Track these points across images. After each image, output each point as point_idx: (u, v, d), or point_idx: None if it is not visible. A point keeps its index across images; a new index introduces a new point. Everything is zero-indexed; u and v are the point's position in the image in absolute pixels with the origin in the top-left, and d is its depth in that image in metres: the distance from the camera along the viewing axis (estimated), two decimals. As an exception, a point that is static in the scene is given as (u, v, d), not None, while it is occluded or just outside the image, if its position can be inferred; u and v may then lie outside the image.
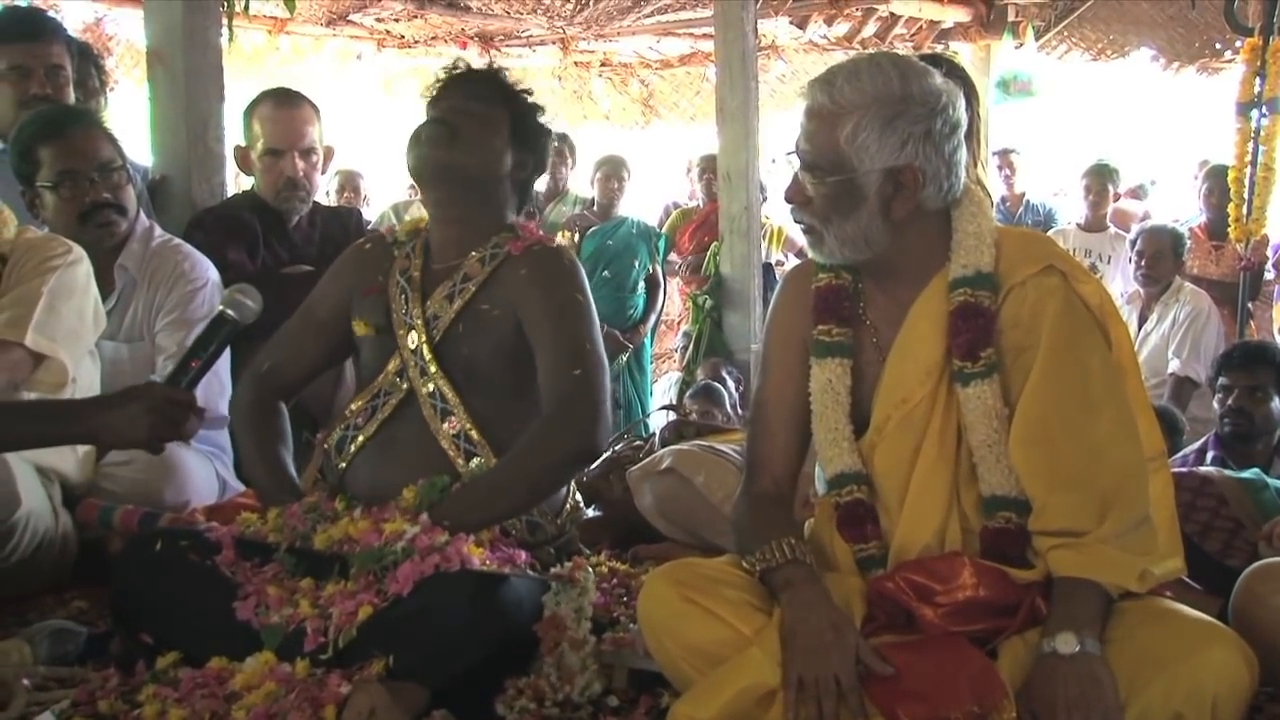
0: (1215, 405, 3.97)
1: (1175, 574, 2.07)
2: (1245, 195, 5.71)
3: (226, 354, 2.67)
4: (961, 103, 2.06)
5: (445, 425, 2.52)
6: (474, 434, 2.51)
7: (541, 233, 2.75)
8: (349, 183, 7.75)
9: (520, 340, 2.55)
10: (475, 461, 2.50)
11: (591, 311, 2.61)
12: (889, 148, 1.99)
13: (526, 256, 2.59)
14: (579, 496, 2.81)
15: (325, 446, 2.67)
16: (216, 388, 3.14)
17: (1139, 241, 5.61)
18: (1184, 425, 4.40)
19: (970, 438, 2.04)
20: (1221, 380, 3.95)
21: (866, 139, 1.99)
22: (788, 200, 2.12)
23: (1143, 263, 5.55)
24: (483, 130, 2.61)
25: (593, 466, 3.66)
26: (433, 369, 2.54)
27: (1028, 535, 2.01)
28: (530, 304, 2.55)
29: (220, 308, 2.39)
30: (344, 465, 2.60)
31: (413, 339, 2.56)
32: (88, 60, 4.12)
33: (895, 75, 2.01)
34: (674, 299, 7.14)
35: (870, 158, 1.99)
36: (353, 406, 2.65)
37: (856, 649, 1.88)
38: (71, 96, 3.65)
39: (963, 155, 2.08)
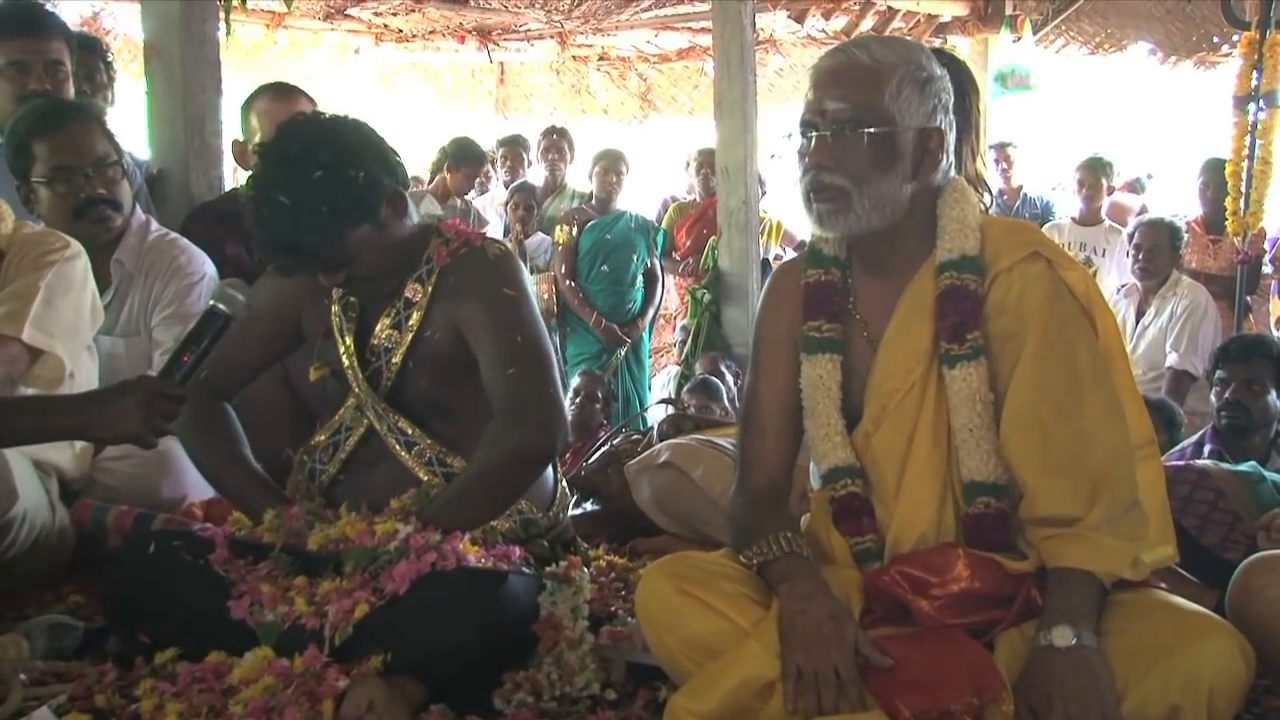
0: (1212, 398, 3.98)
1: (1167, 561, 2.09)
2: (1243, 189, 5.72)
3: None
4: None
5: (414, 455, 2.48)
6: (447, 457, 2.48)
7: (465, 226, 2.62)
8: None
9: (470, 354, 2.47)
10: (453, 479, 2.45)
11: (523, 303, 2.47)
12: (925, 108, 2.05)
13: (453, 264, 2.49)
14: (565, 483, 2.77)
15: (300, 470, 2.62)
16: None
17: (1136, 235, 5.61)
18: (1181, 418, 4.41)
19: (953, 421, 2.04)
20: (1219, 373, 3.96)
21: (909, 95, 2.03)
22: (816, 165, 2.04)
23: (1140, 256, 5.55)
24: (360, 248, 2.38)
25: (591, 460, 3.67)
26: (384, 408, 2.49)
27: (1007, 519, 2.02)
28: (463, 313, 2.46)
29: (211, 302, 2.38)
30: (319, 494, 2.56)
31: (361, 381, 2.49)
32: (95, 54, 4.12)
33: (917, 47, 2.10)
34: (672, 293, 7.13)
35: (910, 115, 2.03)
36: (316, 439, 2.60)
37: (855, 640, 1.88)
38: (71, 91, 3.64)
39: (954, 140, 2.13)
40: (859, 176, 2.03)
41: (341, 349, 2.52)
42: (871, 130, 2.02)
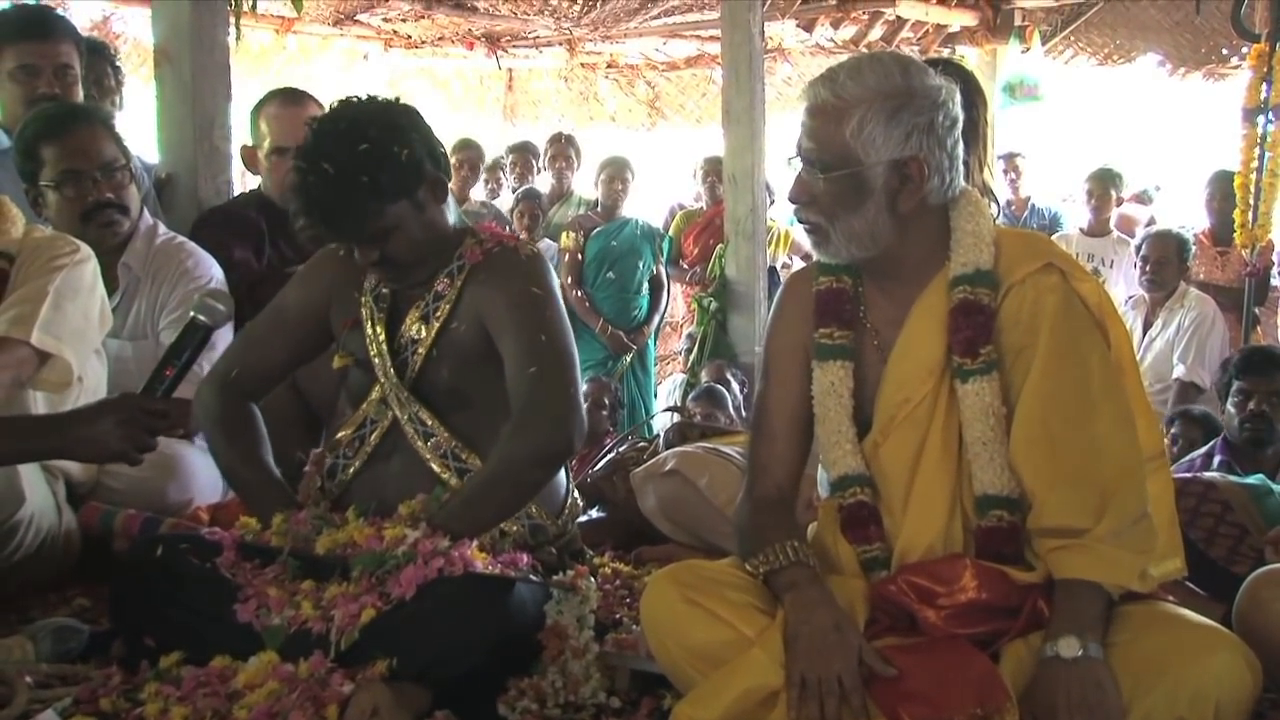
0: (1231, 409, 3.90)
1: (1175, 574, 2.08)
2: (1251, 201, 5.71)
3: None
4: (958, 100, 2.07)
5: (430, 447, 2.49)
6: (462, 453, 2.49)
7: (498, 228, 2.66)
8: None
9: (494, 349, 2.49)
10: (468, 478, 2.46)
11: (550, 303, 2.51)
12: (894, 140, 2.00)
13: (486, 262, 2.52)
14: (577, 493, 2.77)
15: (319, 468, 2.63)
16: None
17: (1144, 246, 5.61)
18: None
19: (966, 435, 2.04)
20: (1237, 385, 3.87)
21: (872, 131, 1.99)
22: (792, 200, 2.12)
23: (1148, 268, 5.55)
24: (395, 226, 2.42)
25: (596, 467, 3.67)
26: (407, 396, 2.50)
27: (1021, 533, 2.02)
28: (491, 310, 2.49)
29: (191, 313, 2.37)
30: (338, 492, 2.57)
31: (388, 370, 2.52)
32: (104, 59, 4.14)
33: (897, 69, 2.03)
34: (679, 301, 7.14)
35: (876, 150, 2.00)
36: (340, 435, 2.61)
37: (859, 650, 1.88)
38: (80, 95, 3.65)
39: (961, 151, 2.09)
40: (829, 214, 2.06)
41: (370, 338, 2.54)
42: (834, 174, 2.02)
